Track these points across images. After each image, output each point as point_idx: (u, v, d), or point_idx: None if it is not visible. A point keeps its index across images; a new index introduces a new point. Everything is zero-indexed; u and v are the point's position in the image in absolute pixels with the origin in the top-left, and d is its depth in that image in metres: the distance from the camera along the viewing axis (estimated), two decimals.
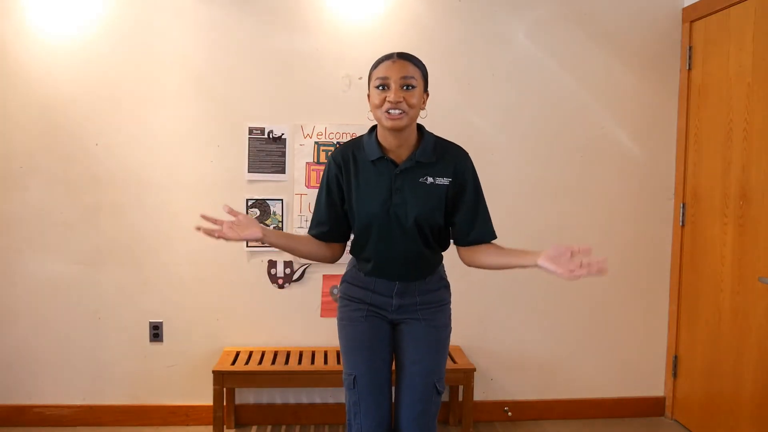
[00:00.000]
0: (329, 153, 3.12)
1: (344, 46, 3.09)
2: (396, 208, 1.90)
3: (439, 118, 3.16)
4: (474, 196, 1.97)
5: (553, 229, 3.24)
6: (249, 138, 3.09)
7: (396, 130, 1.86)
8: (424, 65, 1.93)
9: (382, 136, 1.93)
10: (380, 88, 1.85)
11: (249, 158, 3.10)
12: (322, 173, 2.09)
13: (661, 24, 3.23)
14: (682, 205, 3.23)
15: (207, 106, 3.07)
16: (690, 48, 3.17)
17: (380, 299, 2.01)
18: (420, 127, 1.98)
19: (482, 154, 3.17)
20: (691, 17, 3.15)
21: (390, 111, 1.82)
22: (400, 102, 1.81)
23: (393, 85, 1.83)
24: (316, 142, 3.11)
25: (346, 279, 2.10)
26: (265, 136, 3.09)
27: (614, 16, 3.20)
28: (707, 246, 3.04)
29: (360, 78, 3.10)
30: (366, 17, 3.10)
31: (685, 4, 3.20)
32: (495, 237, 2.01)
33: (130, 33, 3.01)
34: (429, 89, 1.97)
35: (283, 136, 3.10)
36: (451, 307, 2.12)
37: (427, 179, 1.91)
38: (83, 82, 3.01)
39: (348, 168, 1.96)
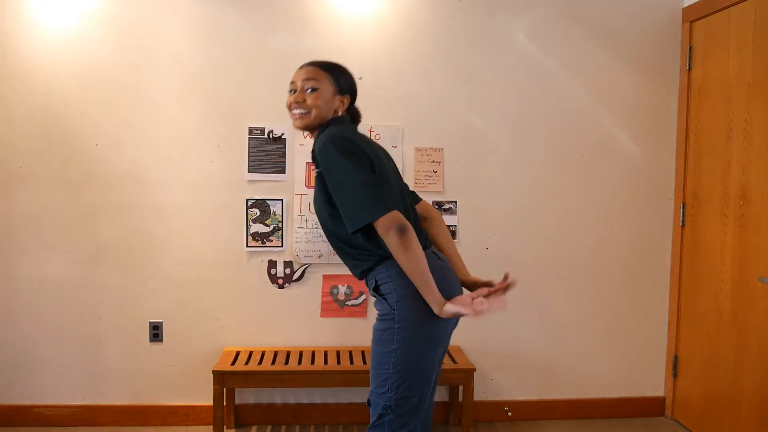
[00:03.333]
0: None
1: (344, 46, 3.09)
2: None
3: (439, 118, 3.18)
4: (332, 184, 1.85)
5: (553, 229, 3.24)
6: (249, 138, 3.09)
7: (301, 129, 2.01)
8: (338, 71, 2.05)
9: None
10: (290, 92, 2.02)
11: (249, 158, 3.10)
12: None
13: (661, 24, 3.23)
14: (682, 205, 3.23)
15: (207, 106, 3.07)
16: (690, 48, 3.17)
17: None
18: (334, 121, 2.00)
19: (482, 154, 3.20)
20: (691, 17, 3.15)
21: (294, 111, 1.98)
22: (300, 102, 1.96)
23: (299, 88, 1.99)
24: None
25: None
26: (265, 136, 3.09)
27: (614, 16, 3.20)
28: (707, 246, 3.04)
29: (360, 78, 3.08)
30: (366, 17, 3.10)
31: (685, 4, 3.20)
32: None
33: (130, 33, 3.01)
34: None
35: (283, 136, 3.10)
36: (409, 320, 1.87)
37: (316, 169, 1.95)
38: (83, 82, 3.01)
39: None
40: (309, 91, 1.97)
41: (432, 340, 1.89)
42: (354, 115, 2.10)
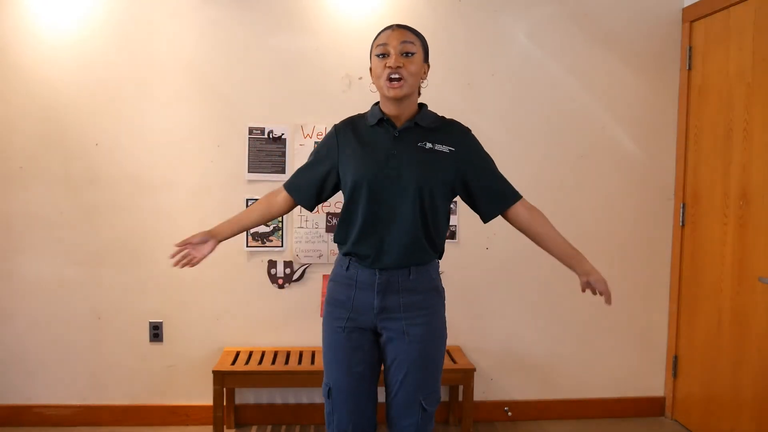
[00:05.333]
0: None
1: (344, 46, 3.09)
2: (391, 169, 1.86)
3: None
4: (487, 163, 2.03)
5: None
6: (249, 138, 3.09)
7: (397, 99, 1.86)
8: (423, 36, 1.93)
9: (384, 105, 1.93)
10: (381, 56, 1.85)
11: (249, 158, 3.10)
12: None
13: (661, 24, 3.23)
14: (682, 205, 3.23)
15: (207, 106, 3.07)
16: (690, 48, 3.17)
17: (362, 299, 1.91)
18: (422, 104, 1.99)
19: None
20: (691, 17, 3.15)
21: (391, 77, 1.82)
22: (400, 67, 1.81)
23: (392, 52, 1.83)
24: (316, 142, 3.11)
25: (331, 278, 2.02)
26: (265, 136, 3.10)
27: (614, 16, 3.20)
28: (707, 246, 3.04)
29: (360, 78, 3.09)
30: (366, 17, 3.09)
31: (685, 4, 3.20)
32: (519, 197, 2.04)
33: (130, 33, 3.01)
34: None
35: (283, 136, 3.10)
36: (447, 309, 2.02)
37: (426, 144, 1.89)
38: (83, 82, 3.01)
39: (347, 136, 1.95)
40: (406, 55, 1.83)
41: None
42: None
